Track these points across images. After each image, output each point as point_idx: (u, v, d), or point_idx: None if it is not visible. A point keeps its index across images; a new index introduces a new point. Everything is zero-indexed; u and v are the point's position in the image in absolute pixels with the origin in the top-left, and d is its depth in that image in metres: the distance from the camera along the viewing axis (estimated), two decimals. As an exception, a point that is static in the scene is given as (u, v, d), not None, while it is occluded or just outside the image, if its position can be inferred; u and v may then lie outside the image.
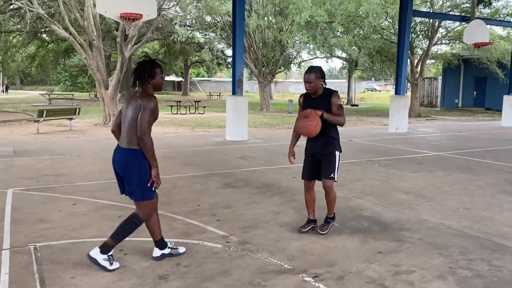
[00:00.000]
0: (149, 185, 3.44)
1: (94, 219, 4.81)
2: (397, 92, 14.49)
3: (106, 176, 7.06)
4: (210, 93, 45.54)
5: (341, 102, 4.32)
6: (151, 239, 3.78)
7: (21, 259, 3.68)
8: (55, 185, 6.41)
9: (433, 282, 3.38)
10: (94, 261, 3.47)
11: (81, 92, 50.03)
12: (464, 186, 6.68)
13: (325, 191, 4.44)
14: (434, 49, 25.13)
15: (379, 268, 3.62)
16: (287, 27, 23.24)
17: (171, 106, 23.08)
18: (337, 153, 4.39)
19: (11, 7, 20.35)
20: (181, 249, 3.86)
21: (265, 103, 27.18)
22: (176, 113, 22.36)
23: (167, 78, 63.07)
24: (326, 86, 4.31)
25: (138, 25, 16.65)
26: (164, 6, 18.37)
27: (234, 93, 11.95)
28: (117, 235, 3.52)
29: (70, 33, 15.79)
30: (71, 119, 14.89)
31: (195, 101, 23.90)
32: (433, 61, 32.46)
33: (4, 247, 3.94)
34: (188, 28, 23.60)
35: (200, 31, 27.82)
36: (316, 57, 39.01)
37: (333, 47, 22.80)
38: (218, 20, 24.50)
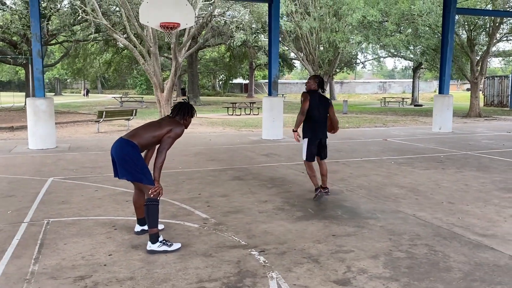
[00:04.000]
0: (151, 194, 3.99)
1: (105, 203, 5.65)
2: (440, 91, 14.21)
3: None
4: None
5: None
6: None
7: (33, 230, 4.57)
8: (89, 175, 7.41)
9: (363, 260, 3.75)
10: (154, 252, 3.92)
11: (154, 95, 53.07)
12: (466, 183, 6.73)
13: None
14: (500, 46, 23.87)
15: (323, 247, 4.05)
16: (340, 28, 23.33)
17: (227, 108, 24.10)
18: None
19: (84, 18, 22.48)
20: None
21: (321, 104, 27.35)
22: (232, 114, 23.32)
23: (234, 81, 65.08)
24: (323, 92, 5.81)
25: (190, 32, 17.81)
26: (215, 13, 19.37)
27: (270, 94, 12.53)
28: (150, 223, 3.99)
29: (130, 41, 17.29)
30: (128, 119, 16.31)
31: (250, 103, 24.71)
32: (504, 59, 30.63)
33: (24, 221, 4.87)
34: (244, 32, 24.47)
35: (260, 34, 28.67)
36: (379, 57, 38.40)
37: (385, 46, 22.50)
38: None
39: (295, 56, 36.46)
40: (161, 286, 3.28)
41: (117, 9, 21.36)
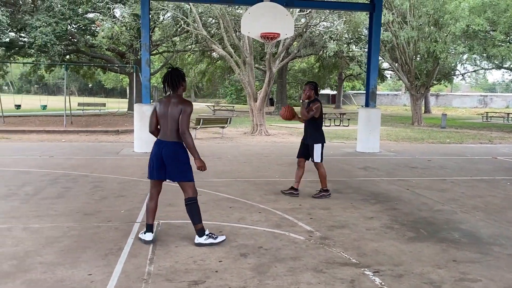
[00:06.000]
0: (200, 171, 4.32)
1: (210, 207, 5.75)
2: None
3: (234, 175, 8.10)
4: (362, 106, 45.14)
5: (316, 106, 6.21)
6: (245, 225, 4.50)
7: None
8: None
9: (494, 293, 3.36)
10: (201, 245, 4.23)
11: (244, 104, 54.44)
12: None
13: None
14: None
15: (445, 274, 3.71)
16: (441, 38, 22.09)
17: (317, 118, 23.83)
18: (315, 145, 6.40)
19: (184, 30, 23.66)
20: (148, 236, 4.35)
21: (416, 117, 26.10)
22: (321, 125, 23.00)
23: (322, 92, 64.62)
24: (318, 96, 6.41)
25: (285, 43, 17.92)
26: (310, 23, 19.32)
27: (367, 105, 12.13)
28: (194, 219, 4.33)
29: (227, 51, 17.82)
30: (223, 127, 16.77)
31: (340, 114, 24.24)
32: None
33: (137, 221, 5.09)
34: (338, 43, 24.14)
35: (352, 44, 28.17)
36: (481, 68, 35.77)
37: (492, 57, 20.85)
38: (365, 33, 24.54)
39: (388, 67, 35.25)
40: (275, 299, 3.20)
41: (214, 21, 22.23)
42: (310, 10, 17.70)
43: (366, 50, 27.15)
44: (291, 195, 6.52)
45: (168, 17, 23.70)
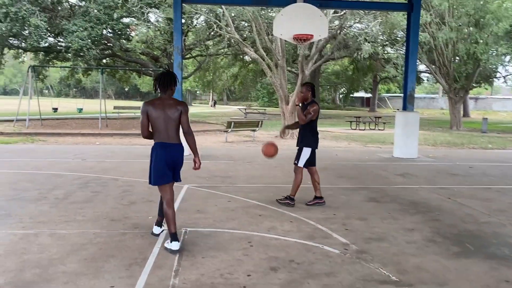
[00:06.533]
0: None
1: (239, 215, 5.53)
2: None
3: (265, 181, 7.86)
4: (398, 109, 44.01)
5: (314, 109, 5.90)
6: (275, 235, 4.25)
7: (172, 238, 4.57)
8: (220, 184, 7.46)
9: (556, 321, 2.98)
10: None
11: (276, 107, 54.20)
12: None
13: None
14: None
15: (496, 297, 3.35)
16: (482, 39, 21.18)
17: (350, 122, 23.35)
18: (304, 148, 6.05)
19: (217, 33, 23.69)
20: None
21: (455, 121, 25.16)
22: (355, 129, 22.52)
23: (356, 94, 63.55)
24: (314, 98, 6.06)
25: (318, 45, 17.59)
26: (344, 25, 18.90)
27: (404, 108, 11.65)
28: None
29: (259, 54, 17.65)
30: (254, 130, 16.59)
31: (376, 117, 23.63)
32: None
33: (163, 228, 4.92)
34: (373, 44, 23.54)
35: (387, 46, 27.46)
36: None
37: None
38: (402, 35, 23.84)
39: (425, 69, 34.20)
40: (307, 321, 2.93)
41: (247, 24, 22.12)
42: (344, 11, 17.29)
43: (402, 52, 26.44)
44: (317, 204, 6.13)
45: (202, 21, 23.78)
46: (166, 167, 4.25)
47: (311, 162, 6.14)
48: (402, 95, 12.26)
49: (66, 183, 7.26)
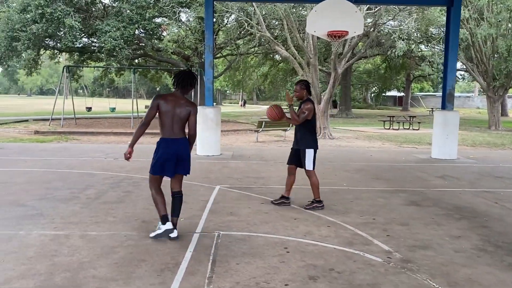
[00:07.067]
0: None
1: (272, 218, 5.31)
2: None
3: (297, 183, 7.56)
4: (432, 108, 42.81)
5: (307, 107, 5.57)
6: (313, 241, 4.01)
7: (205, 242, 4.40)
8: (253, 185, 7.26)
9: None
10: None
11: (305, 106, 53.57)
12: None
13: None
14: None
15: None
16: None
17: (384, 121, 22.77)
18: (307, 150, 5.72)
19: (248, 32, 23.55)
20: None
21: (494, 120, 24.16)
22: (389, 128, 21.94)
23: (388, 94, 62.21)
24: (310, 96, 5.76)
25: (352, 42, 17.16)
26: (379, 22, 18.36)
27: (443, 107, 11.16)
28: (177, 212, 4.57)
29: (291, 53, 17.37)
30: (285, 130, 16.33)
31: (410, 117, 22.96)
32: None
33: (196, 231, 4.76)
34: (408, 42, 22.84)
35: (423, 44, 26.66)
36: None
37: None
38: (439, 32, 23.07)
39: (461, 66, 33.05)
40: None
41: (277, 22, 21.85)
42: (378, 7, 16.79)
43: (436, 49, 25.59)
44: (283, 204, 5.90)
45: (232, 20, 23.68)
46: (168, 160, 4.39)
47: (298, 162, 5.87)
48: (436, 94, 11.82)
49: (98, 182, 7.22)
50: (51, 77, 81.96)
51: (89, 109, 23.56)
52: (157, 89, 74.79)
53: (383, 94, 60.53)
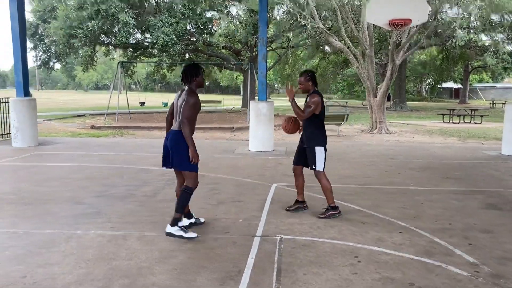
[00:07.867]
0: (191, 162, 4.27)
1: (338, 221, 4.93)
2: None
3: (360, 181, 7.16)
4: (493, 101, 40.42)
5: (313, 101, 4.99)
6: (386, 250, 3.62)
7: (267, 247, 4.10)
8: (311, 184, 6.86)
9: None
10: (171, 235, 4.30)
11: (356, 100, 52.36)
12: None
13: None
14: None
15: None
16: None
17: (443, 115, 21.60)
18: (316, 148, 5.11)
19: (299, 24, 23.05)
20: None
21: None
22: (448, 122, 20.78)
23: (444, 85, 59.44)
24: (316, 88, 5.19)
25: (410, 32, 16.28)
26: (441, 10, 17.32)
27: (517, 100, 10.25)
28: (178, 207, 4.38)
29: (345, 44, 16.74)
30: (339, 124, 15.76)
31: (472, 110, 21.65)
32: None
33: (257, 234, 4.47)
34: (470, 31, 21.51)
35: (485, 32, 25.04)
36: None
37: None
38: (506, 19, 21.48)
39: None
40: None
41: (331, 13, 21.20)
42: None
43: (499, 39, 23.90)
44: (299, 209, 5.34)
45: (284, 12, 23.25)
46: (163, 154, 4.45)
47: (304, 161, 5.28)
48: (496, 85, 10.85)
49: (153, 179, 7.12)
50: (106, 73, 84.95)
51: (142, 104, 24.02)
52: (207, 83, 75.71)
53: (439, 86, 57.99)
